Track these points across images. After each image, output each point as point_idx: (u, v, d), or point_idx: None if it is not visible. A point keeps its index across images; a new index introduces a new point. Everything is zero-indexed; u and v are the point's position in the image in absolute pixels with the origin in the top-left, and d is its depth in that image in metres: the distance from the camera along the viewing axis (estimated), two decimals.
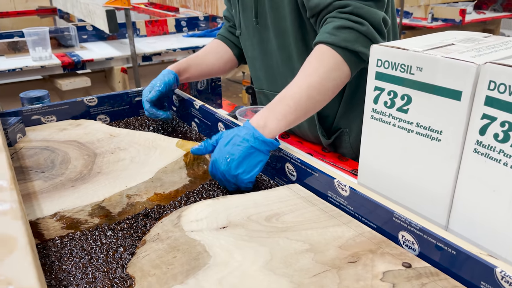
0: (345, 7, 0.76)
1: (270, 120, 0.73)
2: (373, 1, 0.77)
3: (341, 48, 0.75)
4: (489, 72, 0.46)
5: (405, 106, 0.56)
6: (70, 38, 2.30)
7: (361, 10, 0.75)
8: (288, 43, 0.92)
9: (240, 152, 0.71)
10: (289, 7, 0.88)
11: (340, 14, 0.76)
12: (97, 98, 1.08)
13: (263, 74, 1.04)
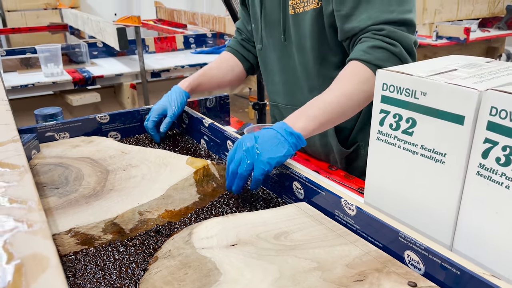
0: (380, 30, 0.82)
1: (301, 119, 0.78)
2: (405, 26, 0.83)
3: (373, 65, 0.80)
4: (491, 99, 0.48)
5: (410, 129, 0.58)
6: (81, 54, 2.35)
7: (394, 34, 0.81)
8: (307, 60, 0.97)
9: (268, 136, 0.75)
10: (310, 26, 0.93)
11: (375, 35, 0.82)
12: (109, 115, 1.11)
13: (281, 88, 1.07)
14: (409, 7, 0.84)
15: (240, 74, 1.18)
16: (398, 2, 0.82)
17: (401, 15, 0.82)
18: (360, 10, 0.83)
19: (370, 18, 0.82)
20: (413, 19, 0.84)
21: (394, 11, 0.82)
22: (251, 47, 1.19)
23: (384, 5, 0.82)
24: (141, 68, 2.15)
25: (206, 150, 1.05)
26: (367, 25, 0.83)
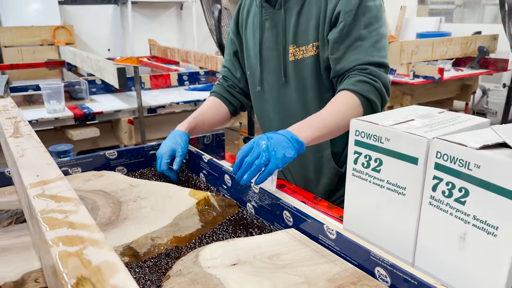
0: (365, 69, 1.04)
1: (303, 131, 0.96)
2: (382, 68, 1.05)
3: (360, 95, 1.01)
4: (436, 145, 0.63)
5: (378, 167, 0.72)
6: (81, 91, 2.49)
7: (375, 73, 1.04)
8: (307, 98, 1.15)
9: (280, 140, 0.91)
10: (310, 70, 1.12)
11: (361, 73, 1.04)
12: (117, 152, 1.23)
13: (277, 124, 1.24)
14: (385, 53, 1.07)
15: (225, 116, 1.35)
16: (377, 49, 1.05)
17: (379, 59, 1.05)
18: (349, 54, 1.05)
19: (357, 59, 1.04)
20: (388, 63, 1.08)
21: (374, 56, 1.04)
22: (235, 92, 1.35)
23: (367, 51, 1.04)
24: (139, 105, 2.29)
25: (205, 183, 1.17)
26: (354, 65, 1.04)
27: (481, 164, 0.56)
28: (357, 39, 1.05)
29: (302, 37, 1.12)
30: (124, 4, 5.39)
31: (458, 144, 0.59)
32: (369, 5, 1.05)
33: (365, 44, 1.05)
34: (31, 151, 0.75)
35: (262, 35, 1.19)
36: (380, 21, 1.07)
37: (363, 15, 1.05)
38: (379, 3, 1.07)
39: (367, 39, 1.05)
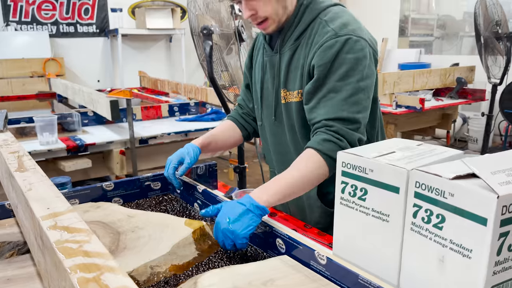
0: (332, 127, 1.04)
1: (264, 194, 0.97)
2: (352, 124, 1.05)
3: (325, 155, 1.02)
4: (415, 176, 0.69)
5: (363, 196, 0.78)
6: (73, 123, 2.53)
7: (342, 131, 1.04)
8: (297, 138, 1.20)
9: (238, 213, 0.92)
10: (297, 113, 1.17)
11: (327, 131, 1.04)
12: (113, 183, 1.27)
13: (275, 159, 1.31)
14: (358, 108, 1.06)
15: (239, 140, 1.42)
16: (349, 103, 1.05)
17: (350, 114, 1.05)
18: (320, 106, 1.07)
19: (326, 113, 1.05)
20: (360, 118, 1.06)
21: (345, 110, 1.04)
22: (249, 120, 1.42)
23: (338, 105, 1.05)
24: (131, 136, 2.34)
25: (199, 212, 1.22)
26: (322, 119, 1.06)
27: (455, 192, 0.63)
28: (331, 91, 1.06)
29: (291, 82, 1.17)
30: (114, 37, 5.51)
31: (434, 174, 0.66)
32: (347, 58, 1.05)
33: (337, 97, 1.05)
34: (38, 185, 0.79)
35: (263, 75, 1.26)
36: (359, 74, 1.05)
37: (340, 67, 1.05)
38: (361, 55, 1.06)
39: (341, 92, 1.05)
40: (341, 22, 1.08)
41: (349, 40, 1.05)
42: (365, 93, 1.07)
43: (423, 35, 6.44)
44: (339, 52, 1.05)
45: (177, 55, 6.04)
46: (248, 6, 1.11)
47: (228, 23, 2.07)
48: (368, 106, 1.09)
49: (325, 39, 1.07)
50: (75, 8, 5.32)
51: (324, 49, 1.06)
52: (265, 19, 1.13)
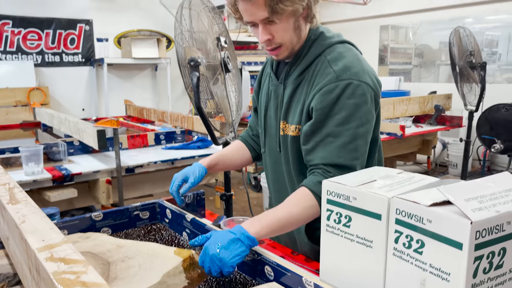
0: (329, 172, 1.06)
1: (255, 226, 1.00)
2: (348, 170, 1.04)
3: (318, 197, 1.02)
4: (395, 203, 0.74)
5: (348, 223, 0.82)
6: (59, 152, 2.53)
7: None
8: (292, 170, 1.22)
9: (228, 240, 0.95)
10: (291, 147, 1.19)
11: (324, 174, 1.06)
12: (102, 213, 1.28)
13: (272, 186, 1.34)
14: (356, 155, 1.07)
15: (248, 160, 1.45)
16: (347, 150, 1.06)
17: (347, 161, 1.06)
18: (318, 149, 1.08)
19: (323, 158, 1.07)
20: (357, 165, 1.07)
21: (341, 157, 1.06)
22: (259, 141, 1.42)
23: (336, 151, 1.06)
24: (117, 165, 2.35)
25: (188, 241, 1.24)
26: (319, 163, 1.08)
27: (432, 219, 0.67)
28: (329, 135, 1.07)
29: (291, 116, 1.18)
30: (100, 66, 5.55)
31: (413, 202, 0.70)
32: (347, 103, 1.05)
33: (336, 142, 1.06)
34: (31, 217, 0.81)
35: (268, 102, 1.28)
36: (358, 120, 1.06)
37: (339, 112, 1.06)
38: (362, 100, 1.06)
39: (339, 138, 1.06)
40: (343, 64, 1.09)
41: (350, 85, 1.06)
42: (363, 139, 1.08)
43: (402, 64, 6.66)
44: (339, 97, 1.06)
45: (163, 83, 6.10)
46: (265, 31, 1.11)
47: (214, 54, 2.13)
48: (366, 151, 1.11)
49: (326, 82, 1.08)
50: (61, 38, 5.37)
51: (324, 93, 1.07)
52: (279, 45, 1.13)
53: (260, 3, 1.05)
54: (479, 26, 5.58)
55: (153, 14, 6.03)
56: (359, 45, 1.34)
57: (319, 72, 1.12)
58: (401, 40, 6.65)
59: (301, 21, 1.13)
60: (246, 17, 1.11)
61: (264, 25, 1.10)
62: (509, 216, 0.65)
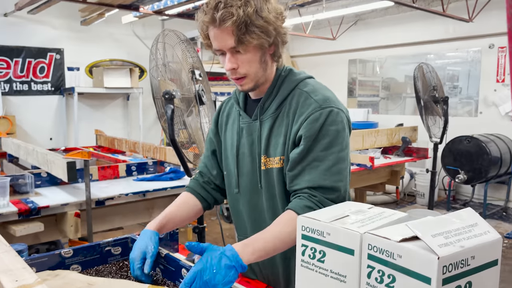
0: (314, 196, 1.11)
1: (247, 253, 1.02)
2: (333, 191, 1.12)
3: None
4: (367, 239, 0.76)
5: (322, 258, 0.84)
6: (25, 184, 2.45)
7: (323, 201, 1.11)
8: (276, 204, 1.24)
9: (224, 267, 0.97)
10: (277, 179, 1.21)
11: (310, 198, 1.11)
12: (72, 250, 1.25)
13: (249, 225, 1.32)
14: (340, 177, 1.14)
15: (198, 212, 1.37)
16: (332, 173, 1.13)
17: (332, 183, 1.12)
18: (304, 174, 1.13)
19: (309, 181, 1.12)
20: (341, 187, 1.14)
21: (327, 179, 1.12)
22: (210, 189, 1.39)
23: (321, 174, 1.12)
24: (87, 198, 2.30)
25: (162, 278, 1.22)
26: (305, 186, 1.13)
27: (402, 254, 0.70)
28: (315, 160, 1.13)
29: (272, 149, 1.21)
30: (70, 95, 5.48)
31: (384, 237, 0.73)
32: (331, 129, 1.13)
33: (321, 166, 1.12)
34: (3, 255, 0.79)
35: (239, 141, 1.28)
36: (339, 145, 1.14)
37: (323, 138, 1.13)
38: (341, 127, 1.15)
39: (324, 162, 1.12)
40: (322, 94, 1.18)
41: (331, 112, 1.14)
42: (344, 162, 1.15)
43: (370, 96, 6.90)
44: (323, 124, 1.13)
45: (135, 112, 6.06)
46: (232, 59, 1.15)
47: (188, 87, 2.17)
48: (348, 174, 1.18)
49: (311, 111, 1.15)
50: (31, 66, 5.29)
51: (311, 121, 1.14)
52: (243, 76, 1.17)
53: (228, 31, 1.10)
54: (440, 62, 5.89)
55: (126, 44, 6.05)
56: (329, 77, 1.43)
57: (300, 104, 1.18)
58: (369, 74, 6.92)
59: (267, 58, 1.19)
60: (215, 44, 1.15)
61: (231, 54, 1.15)
62: (473, 251, 0.69)
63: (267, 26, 1.12)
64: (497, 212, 5.10)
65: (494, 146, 4.61)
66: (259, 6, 1.11)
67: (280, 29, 1.16)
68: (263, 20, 1.11)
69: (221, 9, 1.08)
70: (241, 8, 1.08)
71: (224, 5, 1.09)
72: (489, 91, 5.38)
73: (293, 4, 4.84)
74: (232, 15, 1.08)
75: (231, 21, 1.08)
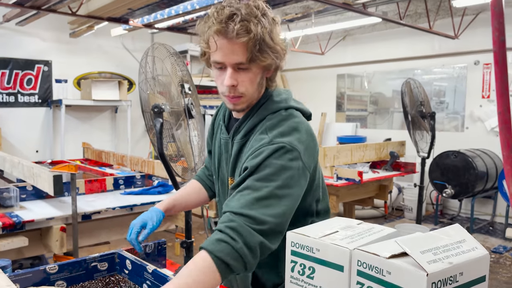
0: (233, 221, 0.98)
1: None
2: (260, 225, 0.98)
3: (216, 257, 0.94)
4: (357, 255, 0.76)
5: (311, 274, 0.83)
6: (10, 198, 2.41)
7: (241, 228, 0.97)
8: None
9: None
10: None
11: (225, 228, 0.97)
12: (58, 265, 1.22)
13: None
14: (270, 212, 1.00)
15: (204, 199, 1.46)
16: (261, 205, 1.00)
17: (258, 214, 0.99)
18: (233, 200, 1.04)
19: (234, 206, 1.01)
20: (270, 222, 0.99)
21: (253, 209, 0.99)
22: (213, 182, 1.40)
23: (249, 202, 1.00)
24: (73, 212, 2.26)
25: None
26: (228, 210, 1.01)
27: (391, 270, 0.70)
28: (248, 187, 1.03)
29: (237, 172, 1.19)
30: (57, 107, 5.43)
31: (373, 254, 0.73)
32: (273, 162, 1.05)
33: (252, 194, 1.01)
34: None
35: (221, 155, 1.28)
36: (279, 181, 1.03)
37: (264, 169, 1.04)
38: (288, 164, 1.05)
39: (256, 192, 1.02)
40: (279, 131, 1.10)
41: (281, 148, 1.06)
42: (281, 201, 1.03)
43: (358, 110, 6.97)
44: (267, 157, 1.06)
45: (123, 125, 6.02)
46: (233, 76, 1.10)
47: (178, 101, 2.16)
48: (285, 214, 1.04)
49: (259, 146, 1.09)
50: (17, 78, 5.24)
51: (254, 156, 1.08)
52: (240, 95, 1.14)
53: (242, 46, 1.05)
54: (427, 77, 5.99)
55: (115, 56, 6.04)
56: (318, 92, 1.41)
57: (255, 137, 1.14)
58: (357, 88, 7.00)
59: (264, 80, 1.16)
60: (219, 56, 1.09)
61: (233, 70, 1.10)
62: (461, 267, 0.70)
63: (278, 49, 1.09)
64: (484, 227, 5.15)
65: (481, 161, 4.68)
66: (271, 27, 1.08)
67: (284, 55, 1.14)
68: (274, 42, 1.08)
69: (238, 22, 1.03)
70: (258, 25, 1.05)
71: (241, 18, 1.04)
72: (475, 106, 5.47)
73: (282, 19, 4.90)
74: (250, 31, 1.04)
75: (248, 37, 1.04)
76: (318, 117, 6.77)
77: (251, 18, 1.05)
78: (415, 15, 5.37)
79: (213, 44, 1.08)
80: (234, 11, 1.04)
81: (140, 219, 1.26)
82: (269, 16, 1.10)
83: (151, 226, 1.24)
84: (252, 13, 1.05)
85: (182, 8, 4.07)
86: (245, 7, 1.06)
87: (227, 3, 1.08)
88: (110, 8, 4.06)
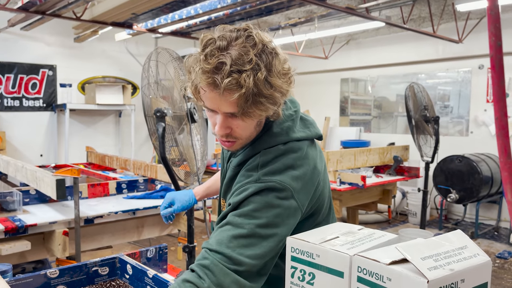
0: (206, 259, 0.91)
1: None
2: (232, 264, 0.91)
3: None
4: (357, 261, 0.75)
5: (311, 280, 0.83)
6: (13, 202, 2.41)
7: (214, 268, 0.90)
8: None
9: None
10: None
11: (196, 267, 0.91)
12: (59, 270, 1.22)
13: None
14: (248, 253, 0.92)
15: None
16: (239, 244, 0.92)
17: (234, 254, 0.91)
18: (216, 233, 0.96)
19: (210, 243, 0.94)
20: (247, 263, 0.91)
21: (230, 248, 0.91)
22: None
23: (226, 240, 0.92)
24: (76, 216, 2.26)
25: None
26: (205, 246, 0.94)
27: (392, 277, 0.69)
28: (228, 223, 0.96)
29: (228, 196, 1.11)
30: (61, 111, 5.45)
31: (373, 260, 0.73)
32: (257, 199, 0.97)
33: (231, 231, 0.94)
34: None
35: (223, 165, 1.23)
36: (263, 219, 0.95)
37: (247, 205, 0.97)
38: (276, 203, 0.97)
39: (236, 229, 0.94)
40: (271, 169, 1.00)
41: (268, 188, 0.98)
42: (263, 241, 0.94)
43: (362, 114, 6.95)
44: (252, 194, 0.98)
45: (126, 129, 6.04)
46: (225, 123, 0.99)
47: (180, 105, 2.17)
48: (265, 256, 0.95)
49: (246, 182, 1.01)
50: (22, 82, 5.28)
51: (240, 192, 1.00)
52: (234, 140, 1.03)
53: (232, 102, 0.93)
54: (431, 81, 5.97)
55: (119, 61, 6.07)
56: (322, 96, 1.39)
57: (244, 172, 1.05)
58: (361, 92, 6.99)
59: (262, 121, 1.05)
60: (209, 104, 0.98)
61: (225, 117, 0.98)
62: (463, 274, 0.69)
63: (275, 95, 0.95)
64: (488, 232, 5.11)
65: (485, 166, 4.65)
66: (268, 66, 0.93)
67: (287, 93, 0.99)
68: (272, 89, 0.94)
69: (227, 75, 0.89)
70: (250, 76, 0.90)
71: (230, 69, 0.89)
72: (479, 111, 5.45)
73: (286, 24, 4.91)
74: (240, 86, 0.90)
75: (239, 94, 0.90)
76: (322, 121, 6.76)
77: (243, 66, 0.90)
78: (418, 19, 5.36)
79: (202, 91, 0.97)
80: (222, 60, 0.90)
81: (170, 196, 1.45)
82: (268, 49, 0.95)
83: (175, 207, 1.44)
84: (245, 58, 0.90)
85: (185, 12, 4.08)
86: (238, 48, 0.91)
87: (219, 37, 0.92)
88: (114, 13, 4.09)
